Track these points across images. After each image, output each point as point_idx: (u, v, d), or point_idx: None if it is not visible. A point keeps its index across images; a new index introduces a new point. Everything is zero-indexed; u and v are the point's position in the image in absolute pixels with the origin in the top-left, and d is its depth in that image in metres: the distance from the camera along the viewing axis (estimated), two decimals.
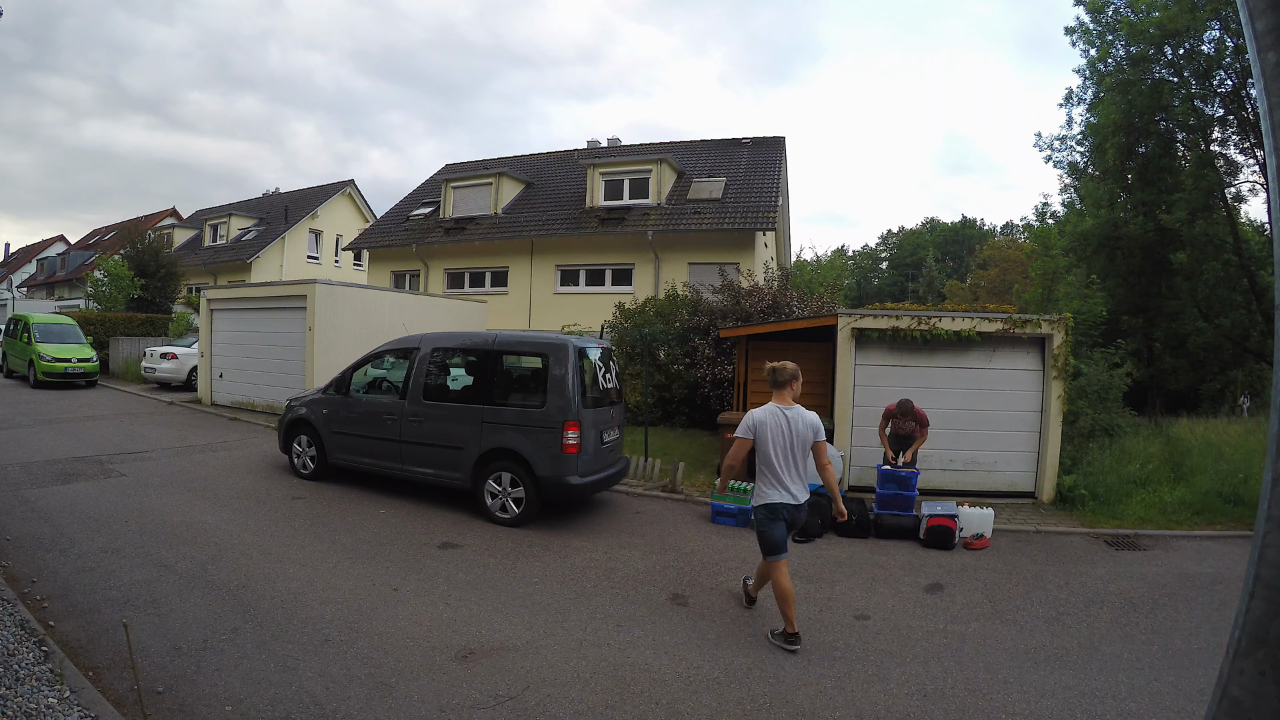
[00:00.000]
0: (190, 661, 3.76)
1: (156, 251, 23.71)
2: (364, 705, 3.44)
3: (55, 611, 4.27)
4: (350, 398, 8.02)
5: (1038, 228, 27.76)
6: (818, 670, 4.08)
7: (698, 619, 4.78)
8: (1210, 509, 7.80)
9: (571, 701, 3.59)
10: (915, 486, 7.46)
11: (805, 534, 6.28)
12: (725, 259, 16.39)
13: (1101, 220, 19.60)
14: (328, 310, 12.82)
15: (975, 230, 58.57)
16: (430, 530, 6.52)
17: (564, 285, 19.02)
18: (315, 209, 29.61)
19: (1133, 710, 3.75)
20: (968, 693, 3.87)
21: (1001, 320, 8.56)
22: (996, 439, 8.64)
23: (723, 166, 20.03)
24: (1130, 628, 4.90)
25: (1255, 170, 18.99)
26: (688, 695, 3.71)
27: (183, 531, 6.03)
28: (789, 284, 14.64)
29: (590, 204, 19.19)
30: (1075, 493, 8.17)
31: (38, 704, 3.03)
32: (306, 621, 4.35)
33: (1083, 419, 9.33)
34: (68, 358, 16.57)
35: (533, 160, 24.50)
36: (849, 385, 8.77)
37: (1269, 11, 1.01)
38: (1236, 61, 17.35)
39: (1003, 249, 42.57)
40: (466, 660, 3.97)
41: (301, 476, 8.25)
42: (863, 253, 63.19)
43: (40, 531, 5.79)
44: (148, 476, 7.99)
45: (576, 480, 6.64)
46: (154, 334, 20.43)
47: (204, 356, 15.01)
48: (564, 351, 6.80)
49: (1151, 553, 6.70)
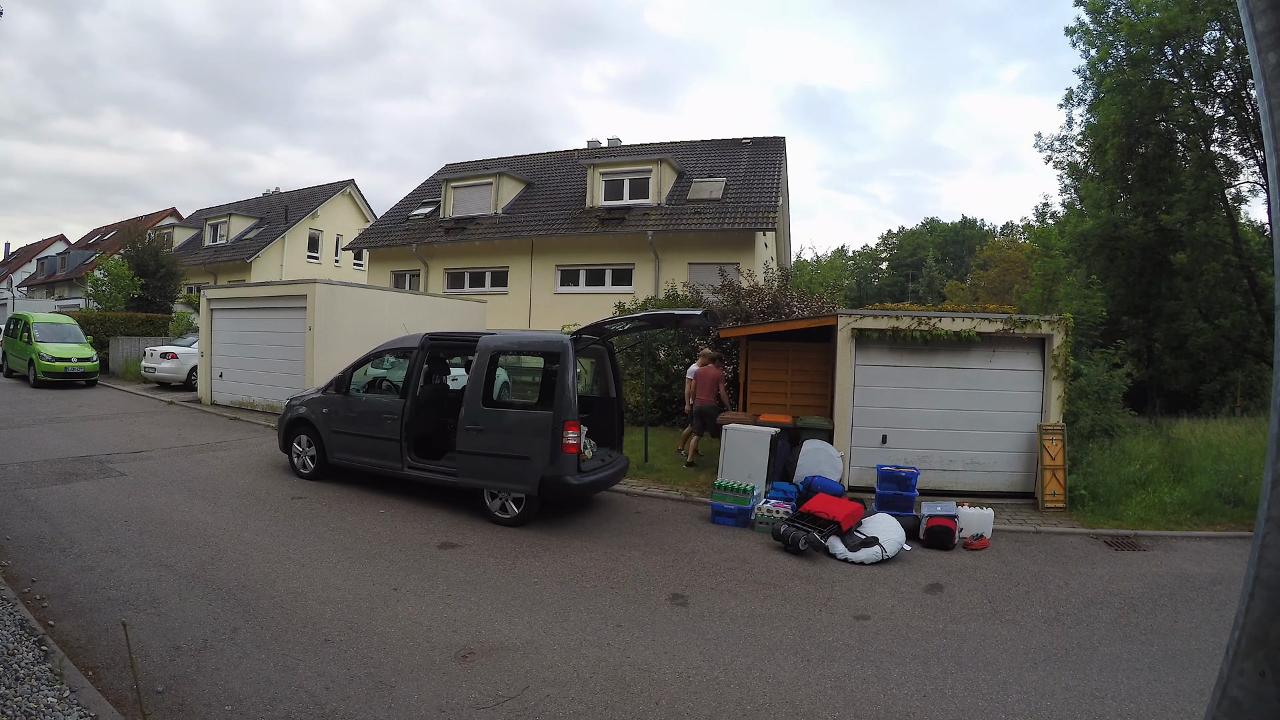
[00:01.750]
0: (190, 661, 3.76)
1: (156, 251, 23.70)
2: (364, 705, 3.44)
3: (55, 611, 4.27)
4: (350, 397, 8.02)
5: (1038, 228, 27.82)
6: (818, 670, 4.08)
7: (698, 619, 4.78)
8: (1210, 509, 7.81)
9: (571, 701, 3.59)
10: (915, 486, 7.47)
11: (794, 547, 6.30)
12: (725, 259, 16.39)
13: (1102, 221, 19.58)
14: (328, 310, 12.82)
15: (975, 230, 58.58)
16: (430, 530, 6.52)
17: (564, 285, 19.02)
18: (315, 209, 29.63)
19: (1132, 710, 3.75)
20: (968, 693, 3.87)
21: (1001, 321, 8.56)
22: (996, 439, 8.64)
23: (723, 167, 20.05)
24: (1130, 628, 4.90)
25: (1255, 171, 18.99)
26: (688, 695, 3.71)
27: (183, 531, 6.03)
28: (789, 284, 14.64)
29: (590, 204, 19.19)
30: (1075, 493, 8.17)
31: (37, 703, 3.03)
32: (306, 621, 4.35)
33: (1083, 419, 9.33)
34: (68, 357, 16.57)
35: (533, 160, 24.50)
36: (849, 385, 8.77)
37: (1269, 12, 1.01)
38: (1237, 62, 17.34)
39: (1003, 249, 42.56)
40: (466, 660, 3.97)
41: (301, 476, 8.24)
42: (863, 253, 63.22)
43: (40, 531, 5.79)
44: (148, 476, 7.99)
45: (576, 480, 6.64)
46: (154, 333, 20.42)
47: (204, 356, 15.01)
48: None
49: (1151, 553, 6.70)
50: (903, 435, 8.71)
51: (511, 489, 6.74)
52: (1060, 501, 8.10)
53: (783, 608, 5.06)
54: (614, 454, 7.71)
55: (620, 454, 7.86)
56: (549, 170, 23.00)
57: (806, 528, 6.43)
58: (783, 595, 5.32)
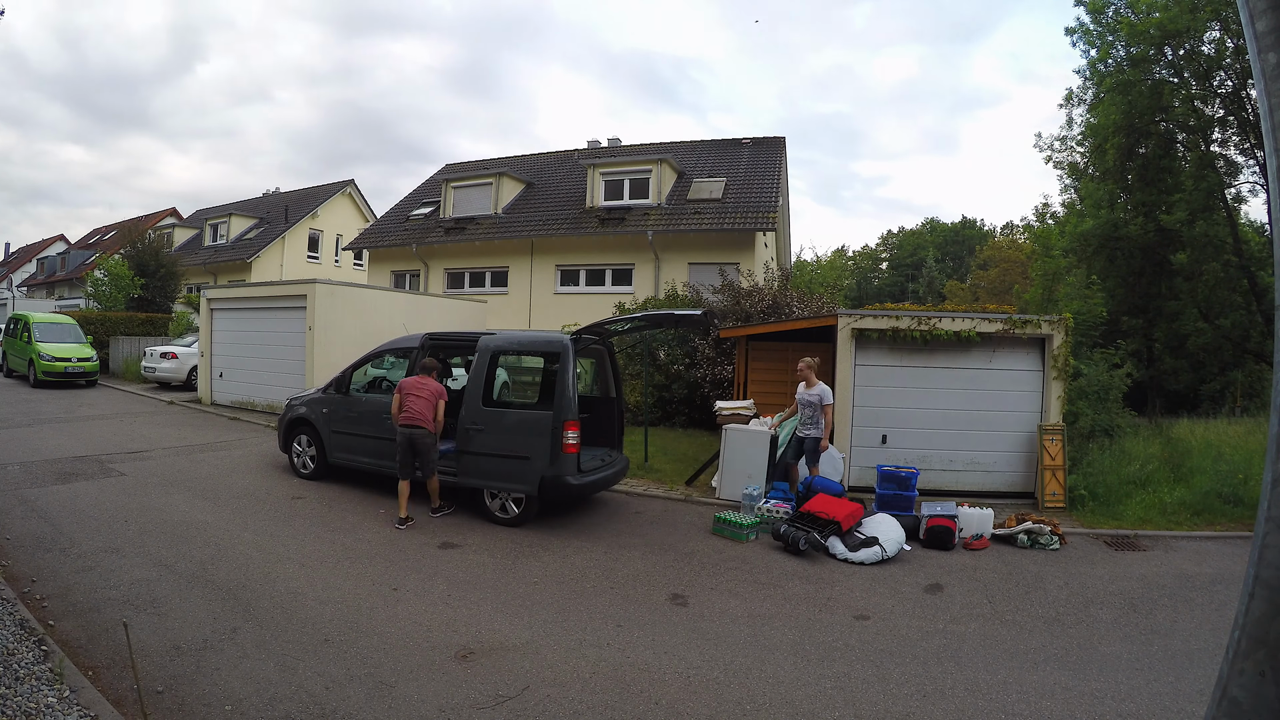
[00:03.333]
0: (190, 661, 3.76)
1: (156, 251, 23.69)
2: (364, 705, 3.44)
3: (55, 611, 4.27)
4: (350, 397, 8.02)
5: (1038, 228, 27.80)
6: (818, 670, 4.08)
7: (698, 619, 4.78)
8: (1210, 509, 7.80)
9: (571, 701, 3.59)
10: (915, 487, 7.47)
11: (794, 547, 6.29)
12: (725, 259, 16.38)
13: (1101, 221, 19.56)
14: (328, 310, 12.82)
15: (975, 230, 58.54)
16: (430, 530, 6.52)
17: (564, 285, 19.01)
18: (315, 209, 29.62)
19: (1132, 710, 3.75)
20: (967, 693, 3.87)
21: (1001, 321, 8.56)
22: (996, 439, 8.64)
23: (723, 167, 20.04)
24: (1130, 628, 4.90)
25: (1255, 171, 18.97)
26: (688, 695, 3.71)
27: (183, 531, 6.03)
28: (789, 284, 14.64)
29: (590, 204, 19.18)
30: (1075, 493, 8.17)
31: (37, 703, 3.03)
32: (306, 621, 4.35)
33: (1083, 419, 9.33)
34: (68, 357, 16.56)
35: (533, 160, 24.51)
36: (849, 385, 8.77)
37: (1269, 12, 1.01)
38: (1237, 62, 17.34)
39: (1003, 249, 42.53)
40: (466, 660, 3.97)
41: (301, 476, 8.24)
42: (863, 253, 63.17)
43: (40, 531, 5.79)
44: (147, 476, 7.99)
45: (576, 480, 6.63)
46: (154, 333, 20.41)
47: (204, 356, 15.01)
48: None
49: (1151, 553, 6.70)
50: (903, 435, 8.71)
51: (511, 489, 6.74)
52: (1060, 501, 8.10)
53: (783, 608, 5.06)
54: (614, 454, 7.70)
55: (620, 454, 7.86)
56: (549, 170, 23.00)
57: (806, 528, 6.43)
58: (783, 595, 5.32)
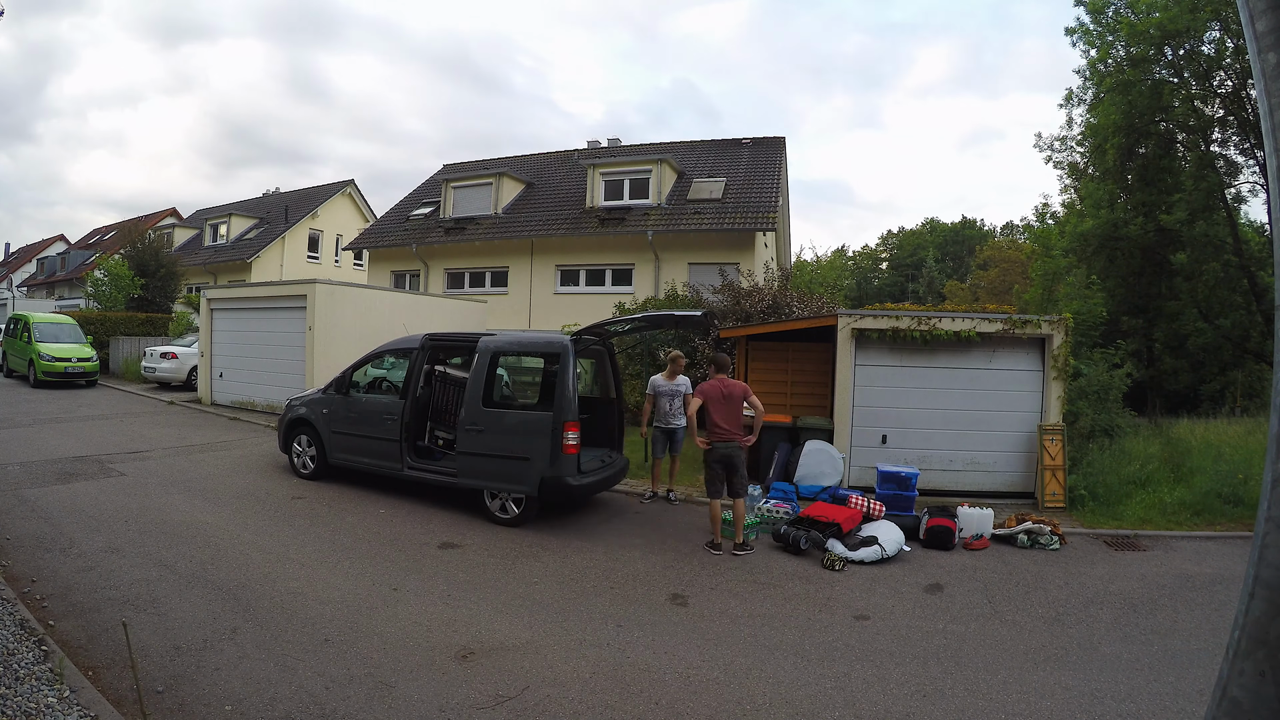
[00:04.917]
0: (190, 661, 3.76)
1: (156, 251, 23.69)
2: (364, 705, 3.44)
3: (55, 611, 4.27)
4: (350, 398, 8.02)
5: (1038, 228, 27.79)
6: (818, 670, 4.08)
7: (698, 619, 4.78)
8: (1210, 509, 7.80)
9: (571, 701, 3.59)
10: (915, 487, 7.47)
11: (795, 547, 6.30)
12: (725, 259, 16.38)
13: (1101, 221, 19.56)
14: (328, 310, 12.82)
15: (975, 231, 58.55)
16: (430, 530, 6.52)
17: (564, 285, 19.01)
18: (315, 209, 29.60)
19: (1132, 710, 3.75)
20: (967, 693, 3.87)
21: (1001, 321, 8.56)
22: (996, 440, 8.64)
23: (723, 167, 20.03)
24: (1130, 628, 4.90)
25: (1255, 171, 18.97)
26: (688, 695, 3.71)
27: (182, 531, 6.03)
28: (789, 284, 14.63)
29: (590, 204, 19.18)
30: (1075, 493, 8.17)
31: (37, 703, 3.03)
32: (306, 621, 4.35)
33: (1083, 419, 9.32)
34: (68, 357, 16.57)
35: (533, 160, 24.49)
36: (849, 386, 8.77)
37: (1269, 12, 1.01)
38: (1237, 62, 17.34)
39: (1003, 249, 42.52)
40: (466, 660, 3.97)
41: (301, 476, 8.24)
42: (863, 253, 63.16)
43: (40, 531, 5.79)
44: (148, 476, 7.99)
45: (576, 480, 6.63)
46: (154, 333, 20.41)
47: (204, 356, 15.01)
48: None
49: (1151, 553, 6.70)
50: (903, 435, 8.71)
51: (511, 489, 6.74)
52: (1060, 502, 8.10)
53: (783, 608, 5.06)
54: (614, 454, 7.71)
55: (620, 454, 7.86)
56: (549, 170, 22.99)
57: (806, 528, 6.44)
58: (783, 595, 5.32)
